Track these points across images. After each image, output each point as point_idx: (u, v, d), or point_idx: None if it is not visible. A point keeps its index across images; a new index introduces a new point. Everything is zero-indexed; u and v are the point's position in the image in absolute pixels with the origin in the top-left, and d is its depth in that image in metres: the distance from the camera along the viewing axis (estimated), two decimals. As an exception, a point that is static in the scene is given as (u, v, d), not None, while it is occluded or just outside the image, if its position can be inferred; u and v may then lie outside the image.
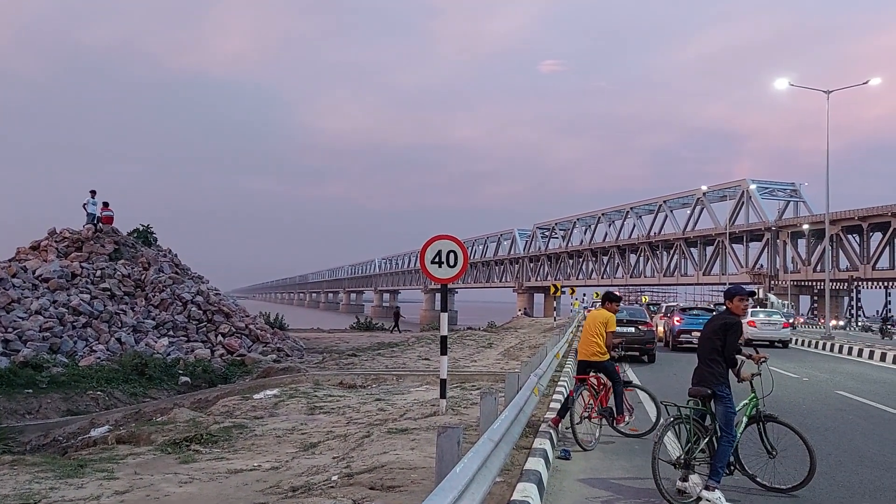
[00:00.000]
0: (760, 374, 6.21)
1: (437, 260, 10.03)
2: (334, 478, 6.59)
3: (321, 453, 8.17)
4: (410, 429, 8.80)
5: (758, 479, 6.26)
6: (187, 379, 19.66)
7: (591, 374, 8.61)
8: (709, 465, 5.88)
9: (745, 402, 6.31)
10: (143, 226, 31.56)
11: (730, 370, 6.06)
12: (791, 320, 34.57)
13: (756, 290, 72.89)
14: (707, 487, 5.75)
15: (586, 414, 8.38)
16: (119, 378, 18.33)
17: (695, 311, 26.33)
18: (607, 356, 8.56)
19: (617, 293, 9.47)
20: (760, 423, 6.25)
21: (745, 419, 6.24)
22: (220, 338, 24.92)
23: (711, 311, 28.26)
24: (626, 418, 8.69)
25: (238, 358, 23.51)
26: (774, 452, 6.17)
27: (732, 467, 6.08)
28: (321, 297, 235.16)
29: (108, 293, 24.60)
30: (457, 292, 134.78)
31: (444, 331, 10.83)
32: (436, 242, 10.09)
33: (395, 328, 43.64)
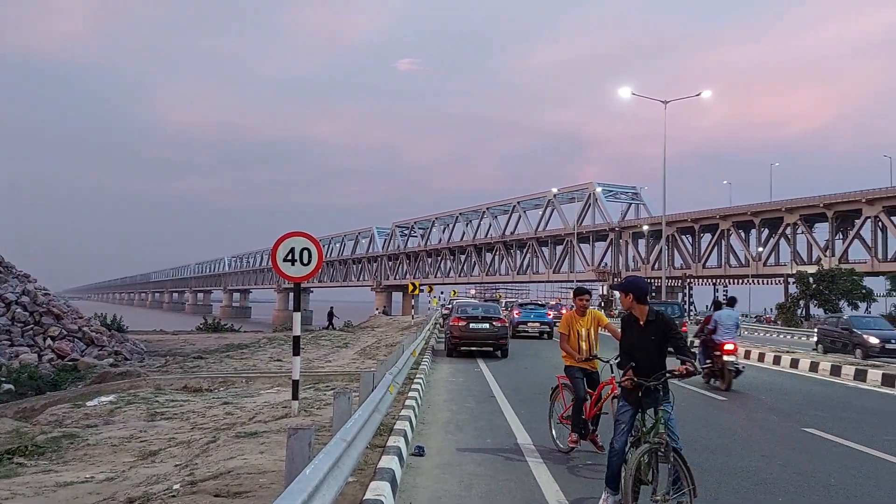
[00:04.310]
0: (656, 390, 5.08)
1: (289, 258, 9.75)
2: (176, 486, 6.22)
3: (162, 461, 7.70)
4: (260, 432, 8.48)
5: None
6: (11, 386, 18.15)
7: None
8: None
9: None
10: (-40, 220, 28.56)
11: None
12: None
13: (601, 287, 77.52)
14: None
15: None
16: (-72, 387, 16.49)
17: (530, 306, 30.58)
18: (568, 360, 7.54)
19: (584, 287, 8.34)
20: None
21: (643, 445, 4.98)
22: (49, 341, 23.06)
23: (543, 305, 31.70)
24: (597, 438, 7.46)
25: (70, 363, 21.88)
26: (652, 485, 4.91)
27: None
28: (164, 297, 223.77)
29: (-84, 293, 22.01)
30: (312, 291, 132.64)
31: (297, 331, 10.55)
32: (288, 240, 9.80)
33: (330, 326, 43.35)
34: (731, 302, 14.70)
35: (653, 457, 4.88)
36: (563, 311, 35.20)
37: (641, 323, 5.21)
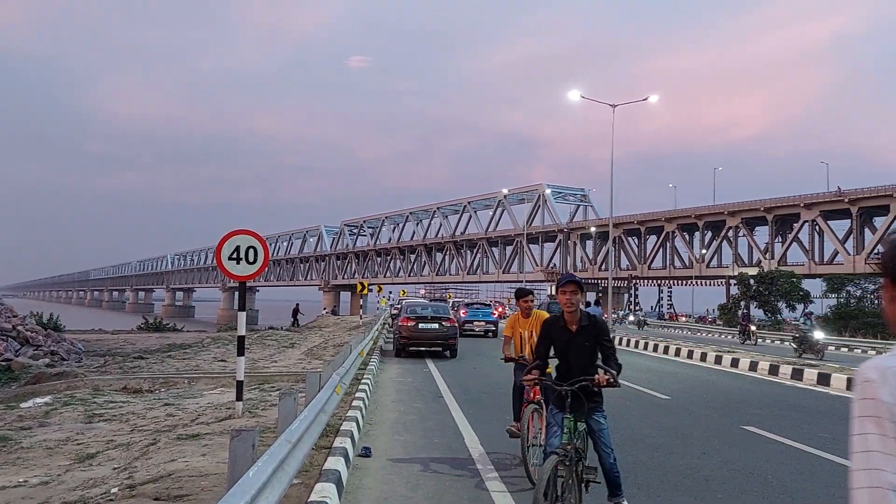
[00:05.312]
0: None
1: (235, 256, 9.57)
2: (114, 490, 6.03)
3: (100, 464, 7.47)
4: (202, 434, 8.30)
5: None
6: (-61, 388, 17.24)
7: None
8: None
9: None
10: None
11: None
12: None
13: (550, 287, 78.39)
14: None
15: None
16: None
17: (476, 306, 32.32)
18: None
19: (525, 288, 7.98)
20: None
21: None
22: (-19, 341, 22.14)
23: (488, 305, 32.54)
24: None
25: (3, 363, 21.06)
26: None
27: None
28: (104, 295, 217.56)
29: None
30: (258, 290, 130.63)
31: (242, 330, 10.34)
32: (233, 238, 9.62)
33: (295, 323, 42.73)
34: (598, 302, 19.82)
35: (563, 467, 4.63)
36: (501, 310, 35.56)
37: (574, 328, 5.02)
